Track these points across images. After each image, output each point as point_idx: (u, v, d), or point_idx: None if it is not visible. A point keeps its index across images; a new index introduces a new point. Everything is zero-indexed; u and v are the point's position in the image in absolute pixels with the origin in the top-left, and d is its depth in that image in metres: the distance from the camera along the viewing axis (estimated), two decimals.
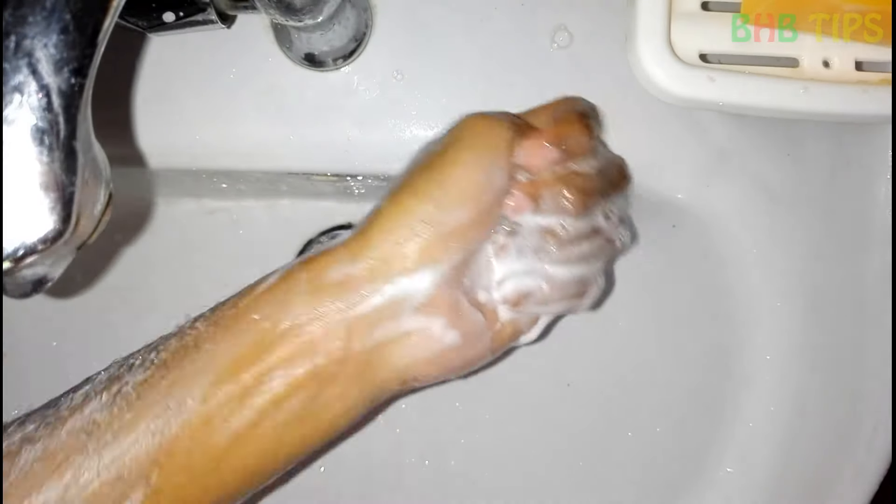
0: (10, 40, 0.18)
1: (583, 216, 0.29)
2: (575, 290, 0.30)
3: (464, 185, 0.27)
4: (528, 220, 0.28)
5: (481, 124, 0.28)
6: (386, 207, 0.27)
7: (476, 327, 0.28)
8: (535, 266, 0.29)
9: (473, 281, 0.28)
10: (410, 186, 0.27)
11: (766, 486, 0.38)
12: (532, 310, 0.29)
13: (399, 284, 0.26)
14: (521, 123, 0.29)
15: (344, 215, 0.42)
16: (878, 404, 0.37)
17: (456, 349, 0.27)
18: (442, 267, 0.27)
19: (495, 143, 0.28)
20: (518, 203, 0.28)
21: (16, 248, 0.19)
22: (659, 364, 0.41)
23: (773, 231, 0.37)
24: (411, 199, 0.27)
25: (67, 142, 0.19)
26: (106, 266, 0.42)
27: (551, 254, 0.29)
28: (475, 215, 0.27)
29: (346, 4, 0.33)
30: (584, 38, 0.36)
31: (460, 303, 0.27)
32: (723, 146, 0.37)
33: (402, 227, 0.27)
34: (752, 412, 0.38)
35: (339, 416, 0.27)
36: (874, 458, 0.37)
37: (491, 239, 0.28)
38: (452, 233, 0.27)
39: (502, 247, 0.28)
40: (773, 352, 0.38)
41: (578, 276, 0.29)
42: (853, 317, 0.38)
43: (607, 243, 0.30)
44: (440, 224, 0.26)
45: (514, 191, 0.28)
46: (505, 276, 0.29)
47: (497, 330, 0.29)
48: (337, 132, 0.36)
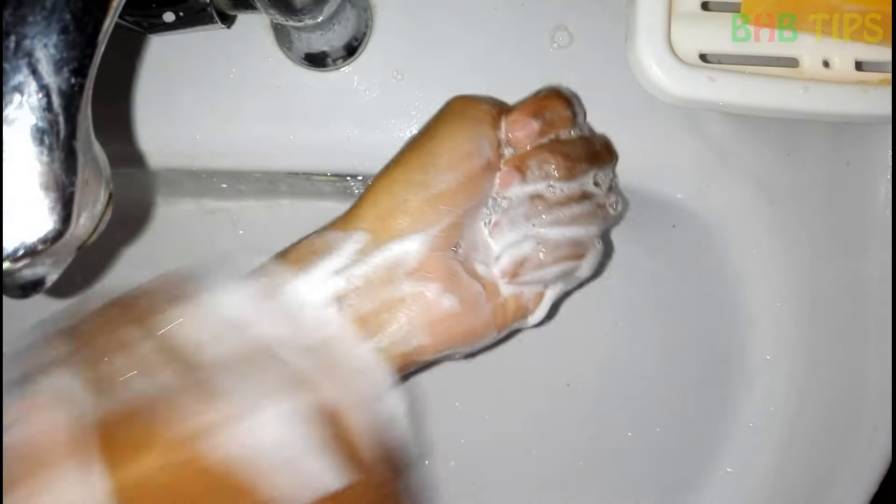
0: (10, 40, 0.18)
1: (570, 180, 0.30)
2: (570, 252, 0.30)
3: (449, 152, 0.28)
4: (517, 191, 0.29)
5: (465, 102, 0.30)
6: (375, 181, 0.28)
7: (474, 296, 0.28)
8: (528, 231, 0.29)
9: (471, 255, 0.29)
10: (398, 161, 0.29)
11: (766, 486, 0.38)
12: (531, 277, 0.29)
13: (390, 250, 0.27)
14: (504, 104, 0.31)
15: None
16: (878, 404, 0.37)
17: (455, 316, 0.27)
18: (432, 231, 0.27)
19: (478, 116, 0.29)
20: (505, 177, 0.29)
21: (16, 248, 0.19)
22: (659, 364, 0.41)
23: (773, 231, 0.37)
24: (398, 169, 0.28)
25: (67, 142, 0.19)
26: (106, 266, 0.42)
27: (541, 217, 0.29)
28: (463, 179, 0.28)
29: (346, 4, 0.33)
30: (584, 38, 0.36)
31: (456, 270, 0.28)
32: (723, 146, 0.37)
33: (391, 195, 0.27)
34: (752, 412, 0.38)
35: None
36: (874, 458, 0.37)
37: (484, 219, 0.29)
38: (440, 197, 0.27)
39: (496, 224, 0.29)
40: (773, 352, 0.38)
41: (571, 237, 0.30)
42: (853, 317, 0.38)
43: (599, 208, 0.31)
44: (428, 188, 0.27)
45: (501, 166, 0.29)
46: (501, 250, 0.29)
47: (499, 303, 0.29)
48: (337, 132, 0.36)
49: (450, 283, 0.27)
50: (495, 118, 0.29)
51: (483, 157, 0.28)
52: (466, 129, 0.28)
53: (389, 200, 0.27)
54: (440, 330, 0.27)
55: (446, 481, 0.41)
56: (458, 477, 0.41)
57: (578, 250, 0.30)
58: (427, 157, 0.28)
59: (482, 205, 0.29)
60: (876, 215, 0.38)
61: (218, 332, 0.26)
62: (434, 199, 0.27)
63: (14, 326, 0.40)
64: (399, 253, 0.27)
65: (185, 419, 0.23)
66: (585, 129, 0.33)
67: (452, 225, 0.28)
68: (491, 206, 0.29)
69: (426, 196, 0.27)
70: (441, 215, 0.27)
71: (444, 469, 0.41)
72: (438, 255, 0.27)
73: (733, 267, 0.38)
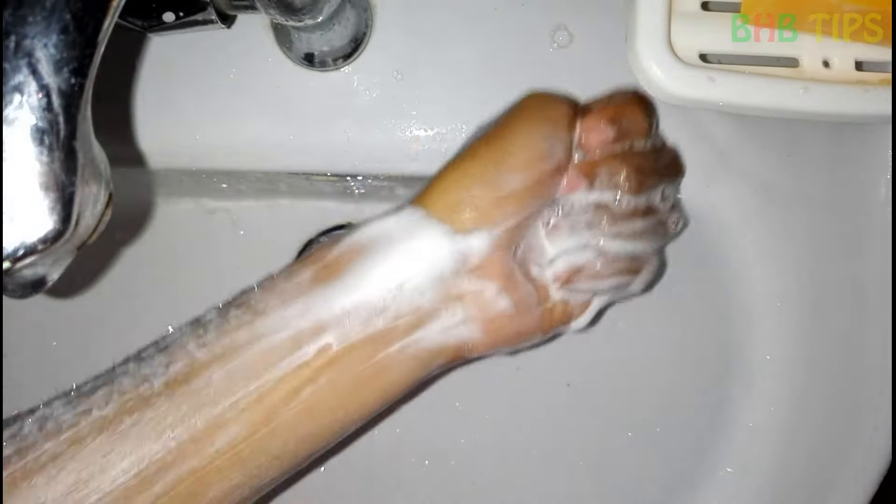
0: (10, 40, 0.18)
1: (638, 194, 0.29)
2: (627, 266, 0.30)
3: (523, 153, 0.27)
4: (582, 197, 0.29)
5: (543, 100, 0.29)
6: (445, 172, 0.28)
7: (528, 298, 0.28)
8: (588, 240, 0.29)
9: (526, 257, 0.29)
10: (470, 152, 0.28)
11: (766, 486, 0.38)
12: (584, 286, 0.29)
13: (456, 244, 0.27)
14: (578, 103, 0.30)
15: (344, 215, 0.42)
16: (878, 404, 0.37)
17: (508, 317, 0.27)
18: (496, 230, 0.27)
19: (556, 117, 0.28)
20: (572, 181, 0.28)
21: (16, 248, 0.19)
22: (659, 364, 0.41)
23: (773, 231, 0.37)
24: (470, 162, 0.28)
25: (67, 142, 0.19)
26: (106, 266, 0.42)
27: (604, 228, 0.29)
28: (532, 182, 0.27)
29: (346, 4, 0.33)
30: (584, 38, 0.36)
31: (513, 271, 0.28)
32: (723, 146, 0.37)
33: (460, 189, 0.27)
34: (752, 412, 0.38)
35: (395, 382, 0.27)
36: (874, 458, 0.37)
37: (544, 219, 0.29)
38: (509, 197, 0.27)
39: (555, 226, 0.29)
40: (773, 352, 0.38)
41: (631, 252, 0.29)
42: (853, 317, 0.38)
43: (660, 225, 0.31)
44: (498, 188, 0.27)
45: (570, 169, 0.29)
46: (557, 254, 0.29)
47: (548, 308, 0.29)
48: (337, 132, 0.36)
49: (507, 284, 0.27)
50: (571, 120, 0.29)
51: (555, 159, 0.28)
52: (542, 130, 0.28)
53: (458, 192, 0.27)
54: (493, 329, 0.27)
55: (446, 481, 0.41)
56: (458, 477, 0.41)
57: (635, 265, 0.30)
58: (500, 153, 0.27)
59: (545, 205, 0.29)
60: (876, 215, 0.38)
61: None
62: (503, 198, 0.27)
63: (14, 326, 0.40)
64: (463, 248, 0.27)
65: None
66: (659, 139, 0.32)
67: (516, 226, 0.27)
68: (552, 208, 0.29)
69: (496, 195, 0.27)
70: (507, 216, 0.27)
71: (444, 469, 0.41)
72: (500, 255, 0.27)
73: (733, 267, 0.38)
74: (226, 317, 0.26)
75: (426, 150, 0.36)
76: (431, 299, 0.26)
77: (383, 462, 0.41)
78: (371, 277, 0.26)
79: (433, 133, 0.36)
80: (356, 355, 0.26)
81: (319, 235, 0.42)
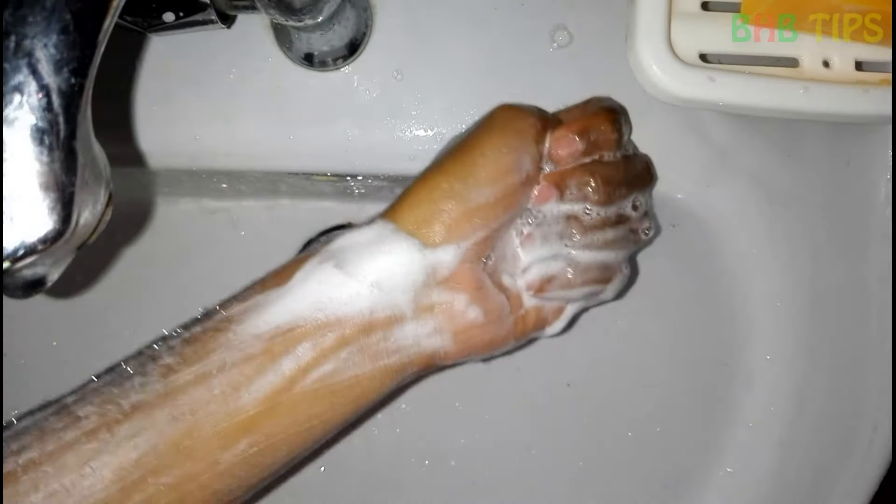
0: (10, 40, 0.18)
1: (608, 205, 0.30)
2: (598, 276, 0.30)
3: (491, 166, 0.28)
4: (553, 208, 0.29)
5: (512, 113, 0.29)
6: (415, 186, 0.28)
7: (499, 308, 0.28)
8: (560, 250, 0.29)
9: (498, 266, 0.29)
10: (439, 166, 0.28)
11: (766, 486, 0.38)
12: (556, 294, 0.30)
13: (425, 258, 0.27)
14: (550, 116, 0.30)
15: (344, 215, 0.42)
16: (878, 404, 0.37)
17: (479, 326, 0.28)
18: (465, 243, 0.27)
19: (524, 130, 0.29)
20: (543, 192, 0.29)
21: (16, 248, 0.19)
22: (659, 364, 0.41)
23: (773, 231, 0.37)
24: (439, 176, 0.28)
25: (67, 142, 0.19)
26: (106, 266, 0.42)
27: (575, 239, 0.29)
28: (500, 195, 0.28)
29: (346, 4, 0.33)
30: (584, 38, 0.36)
31: (483, 282, 0.28)
32: (723, 146, 0.37)
33: (429, 203, 0.27)
34: (752, 412, 0.38)
35: (367, 391, 0.27)
36: (874, 458, 0.37)
37: (516, 229, 0.29)
38: (477, 210, 0.27)
39: (528, 236, 0.29)
40: (773, 352, 0.38)
41: (602, 262, 0.30)
42: (853, 317, 0.38)
43: (631, 233, 0.31)
44: (466, 201, 0.27)
45: (541, 180, 0.29)
46: (530, 263, 0.29)
47: (521, 315, 0.29)
48: (337, 132, 0.36)
49: (477, 295, 0.28)
50: (540, 132, 0.29)
51: (524, 172, 0.28)
52: (510, 143, 0.28)
53: (427, 206, 0.27)
54: (464, 339, 0.28)
55: (446, 481, 0.41)
56: (458, 477, 0.41)
57: (606, 274, 0.30)
58: (468, 167, 0.28)
59: (516, 216, 0.29)
60: (876, 215, 0.38)
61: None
62: (471, 212, 0.27)
63: (14, 326, 0.40)
64: (432, 261, 0.27)
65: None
66: (630, 147, 0.32)
67: (485, 238, 0.28)
68: (525, 218, 0.29)
69: (464, 208, 0.27)
70: (476, 229, 0.27)
71: (444, 469, 0.41)
72: (469, 267, 0.28)
73: (733, 267, 0.38)
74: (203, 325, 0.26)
75: (426, 150, 0.36)
76: (401, 310, 0.27)
77: (383, 462, 0.41)
78: (342, 287, 0.26)
79: (433, 133, 0.36)
80: (327, 365, 0.26)
81: (319, 235, 0.42)
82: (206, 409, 0.25)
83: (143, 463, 0.24)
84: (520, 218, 0.29)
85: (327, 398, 0.26)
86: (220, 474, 0.25)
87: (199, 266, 0.42)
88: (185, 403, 0.25)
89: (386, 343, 0.27)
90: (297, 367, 0.26)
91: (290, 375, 0.25)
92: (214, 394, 0.25)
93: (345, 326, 0.26)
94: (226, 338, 0.26)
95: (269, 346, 0.26)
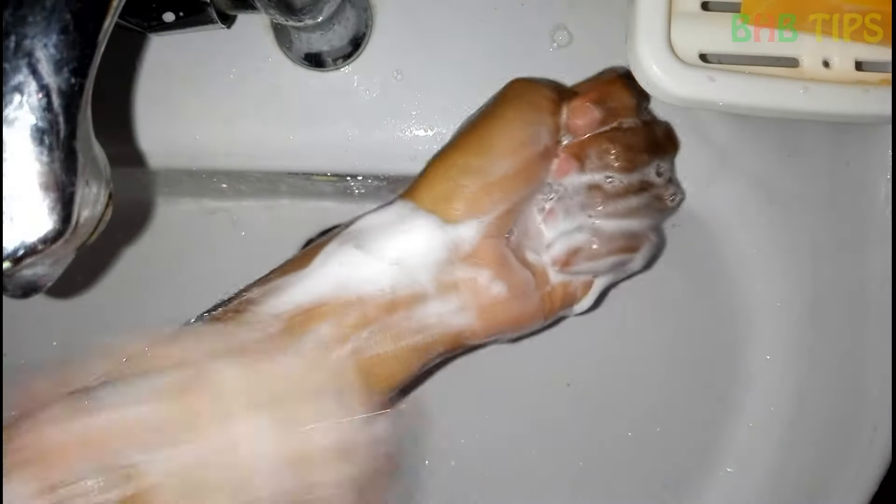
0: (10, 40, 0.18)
1: (629, 172, 0.29)
2: (625, 244, 0.30)
3: (507, 140, 0.27)
4: (574, 179, 0.29)
5: (525, 85, 0.29)
6: (432, 164, 0.28)
7: (524, 283, 0.28)
8: (583, 221, 0.29)
9: (522, 242, 0.29)
10: (456, 143, 0.28)
11: (766, 486, 0.38)
12: (583, 267, 0.29)
13: (446, 234, 0.27)
14: (565, 89, 0.30)
15: (344, 215, 0.42)
16: (878, 404, 0.37)
17: (505, 302, 0.27)
18: (486, 218, 0.27)
19: (538, 101, 0.29)
20: (563, 165, 0.29)
21: (16, 248, 0.19)
22: (659, 364, 0.41)
23: (773, 231, 0.37)
24: (456, 153, 0.28)
25: (67, 142, 0.19)
26: (106, 266, 0.42)
27: (598, 208, 0.29)
28: (519, 167, 0.27)
29: (346, 4, 0.33)
30: (583, 38, 0.36)
31: (507, 257, 0.28)
32: (723, 146, 0.37)
33: (447, 180, 0.27)
34: (752, 412, 0.38)
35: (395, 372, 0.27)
36: (874, 458, 0.37)
37: (538, 205, 0.29)
38: (496, 184, 0.27)
39: (550, 211, 0.29)
40: (773, 352, 0.38)
41: (627, 230, 0.29)
42: (853, 317, 0.38)
43: (656, 200, 0.31)
44: (484, 176, 0.27)
45: (559, 153, 0.29)
46: (554, 238, 0.29)
47: (548, 291, 0.29)
48: (337, 132, 0.36)
49: (501, 270, 0.27)
50: (555, 103, 0.29)
51: (541, 144, 0.28)
52: (525, 116, 0.28)
53: (445, 183, 0.27)
54: (489, 316, 0.27)
55: (446, 481, 0.41)
56: (458, 477, 0.41)
57: (633, 243, 0.30)
58: (485, 142, 0.28)
59: (537, 191, 0.29)
60: (876, 215, 0.38)
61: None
62: (490, 186, 0.27)
63: (14, 326, 0.40)
64: (454, 237, 0.27)
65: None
66: (649, 115, 0.32)
67: (506, 212, 0.27)
68: (546, 193, 0.29)
69: (482, 183, 0.27)
70: (496, 203, 0.27)
71: (444, 469, 0.41)
72: (491, 242, 0.27)
73: (733, 267, 0.38)
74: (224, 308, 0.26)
75: (426, 150, 0.36)
76: (424, 288, 0.26)
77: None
78: (363, 267, 0.26)
79: (433, 133, 0.36)
80: (348, 344, 0.26)
81: (319, 235, 0.42)
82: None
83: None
84: (541, 193, 0.29)
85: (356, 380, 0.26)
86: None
87: (199, 266, 0.42)
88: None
89: (409, 322, 0.26)
90: (318, 346, 0.25)
91: (314, 358, 0.25)
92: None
93: (366, 305, 0.26)
94: (244, 318, 0.25)
95: (289, 325, 0.25)
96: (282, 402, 0.25)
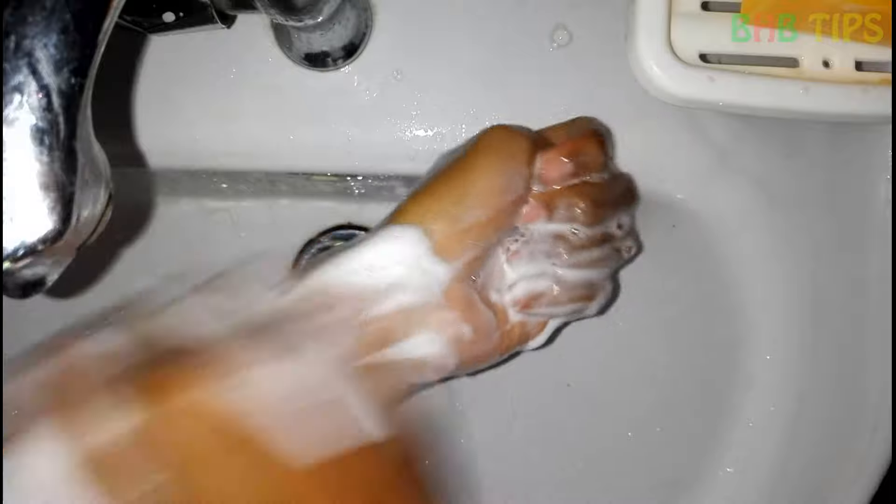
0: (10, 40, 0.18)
1: (594, 225, 0.30)
2: (583, 293, 0.31)
3: (483, 188, 0.28)
4: (541, 227, 0.29)
5: (503, 134, 0.30)
6: (406, 206, 0.29)
7: (487, 325, 0.29)
8: (546, 268, 0.30)
9: (486, 282, 0.29)
10: (431, 187, 0.29)
11: (766, 486, 0.38)
12: (542, 311, 0.30)
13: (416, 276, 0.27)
14: (540, 138, 0.31)
15: (344, 215, 0.42)
16: (878, 404, 0.37)
17: (468, 343, 0.28)
18: (457, 263, 0.28)
19: (515, 152, 0.29)
20: (532, 211, 0.29)
21: (16, 248, 0.19)
22: (658, 364, 0.41)
23: (773, 231, 0.37)
24: (430, 199, 0.28)
25: (67, 142, 0.19)
26: (106, 266, 0.42)
27: (563, 258, 0.30)
28: (492, 215, 0.28)
29: (346, 4, 0.33)
30: (583, 38, 0.36)
31: (473, 299, 0.28)
32: (723, 146, 0.37)
33: (421, 223, 0.28)
34: (752, 412, 0.38)
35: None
36: (874, 458, 0.37)
37: (504, 245, 0.30)
38: (469, 230, 0.28)
39: (515, 253, 0.30)
40: (773, 352, 0.38)
41: (587, 279, 0.30)
42: (853, 317, 0.38)
43: (615, 252, 0.32)
44: (457, 221, 0.28)
45: (530, 199, 0.29)
46: (516, 280, 0.30)
47: (506, 330, 0.30)
48: (337, 132, 0.36)
49: (467, 313, 0.28)
50: (531, 155, 0.29)
51: (514, 193, 0.29)
52: (502, 166, 0.29)
53: (420, 228, 0.28)
54: (452, 355, 0.28)
55: (446, 481, 0.41)
56: (458, 477, 0.41)
57: (591, 292, 0.31)
58: (461, 190, 0.28)
59: (505, 235, 0.30)
60: (876, 215, 0.38)
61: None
62: (462, 232, 0.28)
63: (14, 326, 0.40)
64: (425, 280, 0.27)
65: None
66: (614, 168, 0.33)
67: (476, 257, 0.28)
68: (512, 234, 0.30)
69: (455, 230, 0.28)
70: (467, 249, 0.28)
71: (443, 469, 0.41)
72: (460, 286, 0.28)
73: (733, 267, 0.38)
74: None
75: (426, 150, 0.36)
76: (389, 327, 0.27)
77: None
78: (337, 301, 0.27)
79: (433, 133, 0.36)
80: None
81: (319, 235, 0.42)
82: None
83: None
84: (508, 235, 0.30)
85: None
86: None
87: (199, 266, 0.42)
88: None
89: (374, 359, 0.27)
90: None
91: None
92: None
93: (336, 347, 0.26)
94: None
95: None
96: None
